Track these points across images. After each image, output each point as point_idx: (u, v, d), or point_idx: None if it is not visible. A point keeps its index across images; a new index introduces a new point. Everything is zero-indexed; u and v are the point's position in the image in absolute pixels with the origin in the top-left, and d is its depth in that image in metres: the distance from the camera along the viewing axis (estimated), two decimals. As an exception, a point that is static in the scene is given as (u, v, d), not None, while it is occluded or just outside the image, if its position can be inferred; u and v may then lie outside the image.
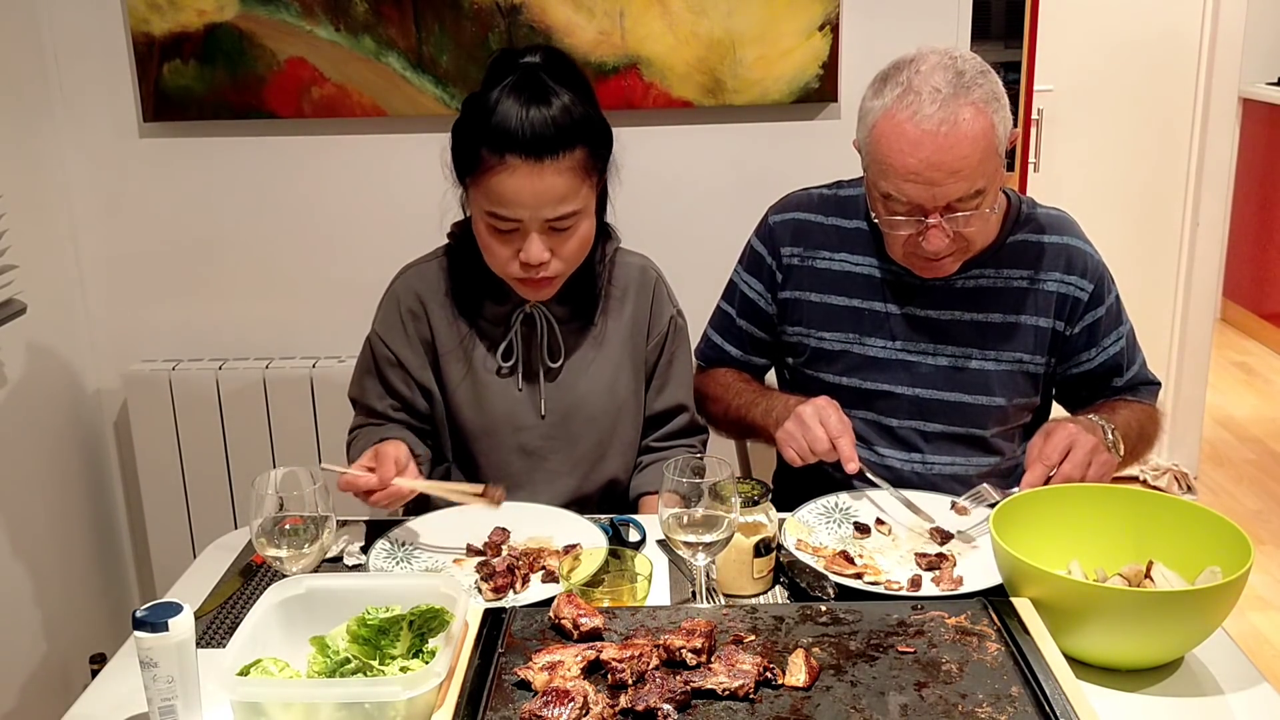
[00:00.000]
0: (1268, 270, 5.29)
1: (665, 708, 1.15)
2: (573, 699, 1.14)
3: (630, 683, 1.20)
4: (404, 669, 1.27)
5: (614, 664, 1.21)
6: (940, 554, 1.58)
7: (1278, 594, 3.31)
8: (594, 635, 1.29)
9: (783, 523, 1.62)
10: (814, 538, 1.65)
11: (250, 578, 1.62)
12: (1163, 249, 3.92)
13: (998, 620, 1.31)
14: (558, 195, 1.66)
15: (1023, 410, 1.91)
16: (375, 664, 1.28)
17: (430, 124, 2.46)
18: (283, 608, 1.33)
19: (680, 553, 1.45)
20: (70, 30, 2.50)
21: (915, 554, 1.59)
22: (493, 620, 1.34)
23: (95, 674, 1.44)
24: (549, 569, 1.56)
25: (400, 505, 1.66)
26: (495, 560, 1.58)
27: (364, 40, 2.48)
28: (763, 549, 1.52)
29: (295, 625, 1.33)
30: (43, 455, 2.50)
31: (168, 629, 1.21)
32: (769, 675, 1.20)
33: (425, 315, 1.84)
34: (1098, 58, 3.82)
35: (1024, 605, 1.33)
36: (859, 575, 1.52)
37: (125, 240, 2.62)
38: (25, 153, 2.45)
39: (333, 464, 1.67)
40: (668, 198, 2.56)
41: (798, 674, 1.20)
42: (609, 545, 1.58)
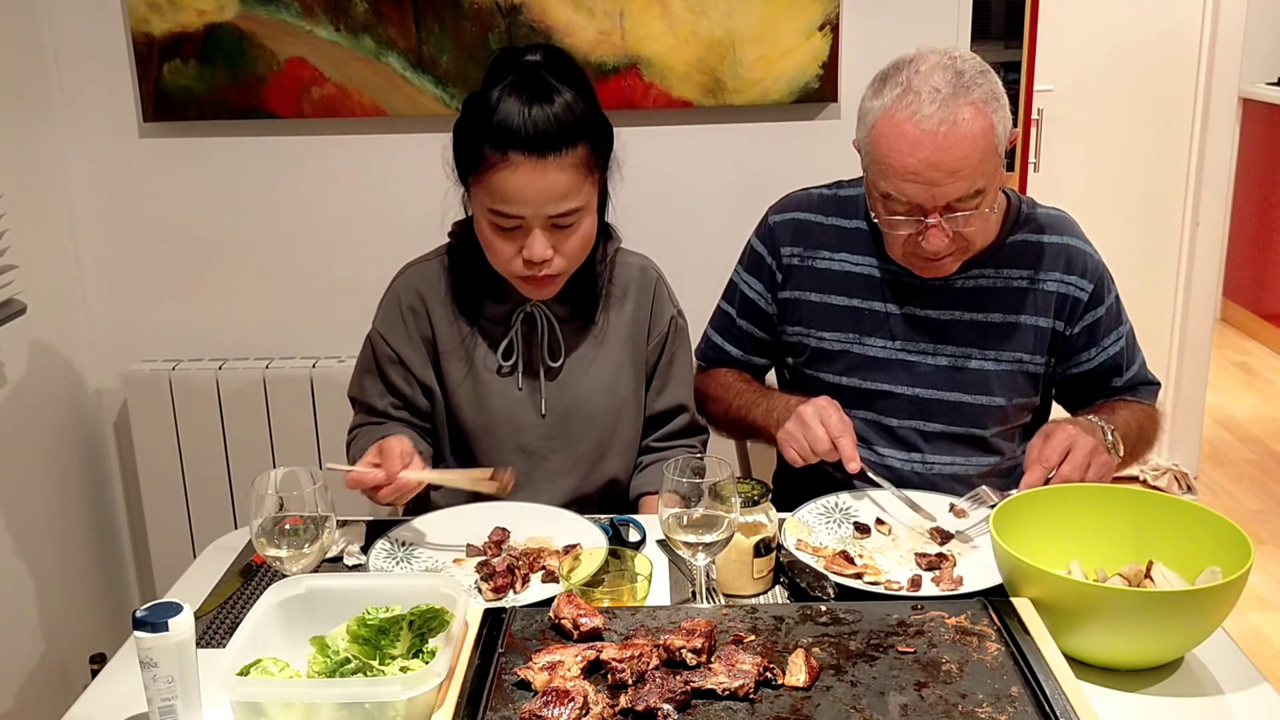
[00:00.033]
0: (1268, 270, 5.29)
1: (665, 708, 1.15)
2: (573, 699, 1.14)
3: (630, 683, 1.20)
4: (404, 669, 1.27)
5: (614, 664, 1.21)
6: (940, 554, 1.58)
7: (1278, 594, 3.31)
8: (594, 635, 1.29)
9: (783, 523, 1.62)
10: (814, 538, 1.65)
11: (250, 578, 1.62)
12: (1163, 249, 3.92)
13: (998, 620, 1.31)
14: (560, 192, 1.66)
15: (1022, 410, 1.91)
16: (375, 664, 1.28)
17: (430, 124, 2.46)
18: (283, 608, 1.34)
19: (680, 553, 1.45)
20: (70, 30, 2.50)
21: (915, 554, 1.59)
22: (493, 620, 1.34)
23: (95, 674, 1.44)
24: (549, 569, 1.56)
25: (408, 498, 1.65)
26: (495, 560, 1.58)
27: (364, 40, 2.48)
28: (763, 549, 1.52)
29: (295, 625, 1.33)
30: (43, 455, 2.50)
31: (168, 629, 1.21)
32: (769, 675, 1.20)
33: (426, 313, 1.84)
34: (1098, 58, 3.81)
35: (1024, 605, 1.33)
36: (859, 575, 1.52)
37: (125, 240, 2.62)
38: (25, 153, 2.45)
39: (337, 463, 1.67)
40: (668, 198, 2.56)
41: (798, 674, 1.20)
42: (609, 545, 1.58)
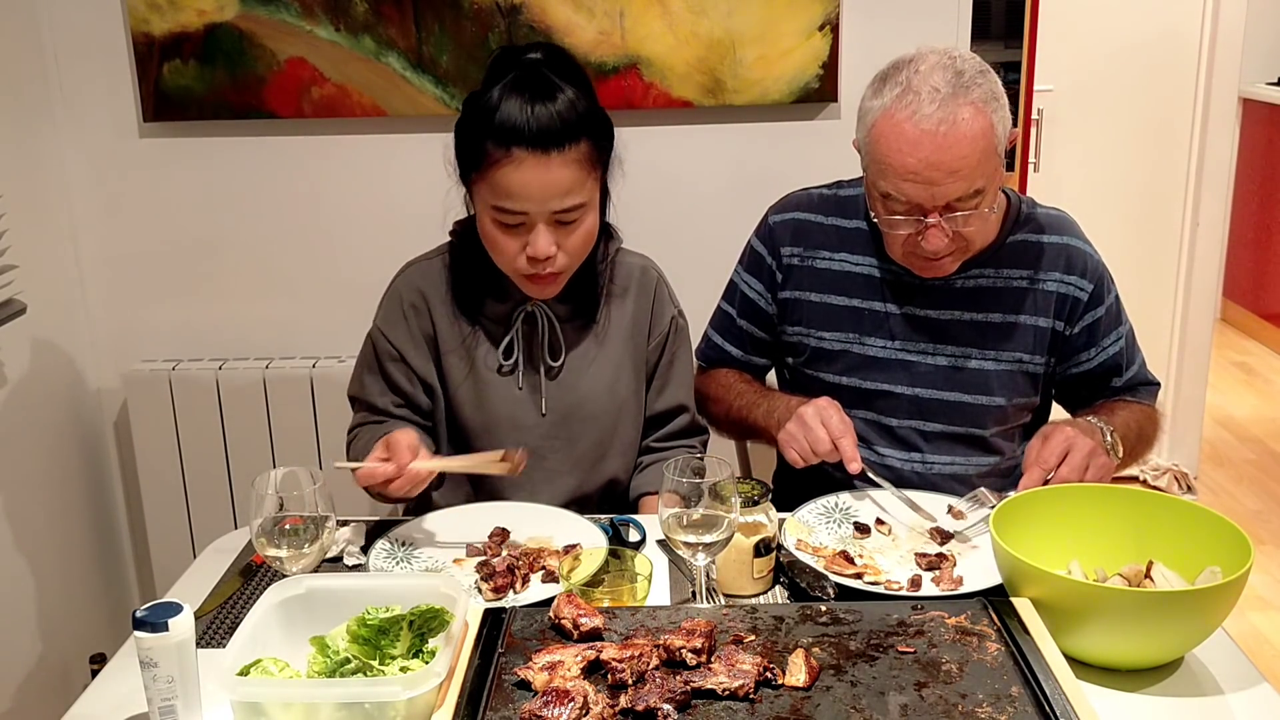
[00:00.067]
0: (1268, 270, 5.29)
1: (665, 708, 1.15)
2: (573, 699, 1.14)
3: (630, 683, 1.20)
4: (404, 669, 1.27)
5: (614, 664, 1.21)
6: (940, 554, 1.58)
7: (1278, 594, 3.31)
8: (594, 635, 1.29)
9: (783, 523, 1.62)
10: (814, 538, 1.65)
11: (250, 578, 1.62)
12: (1163, 249, 3.92)
13: (998, 620, 1.31)
14: (564, 187, 1.66)
15: (1022, 410, 1.91)
16: (375, 664, 1.28)
17: (430, 124, 2.46)
18: (283, 608, 1.34)
19: (680, 553, 1.45)
20: (70, 30, 2.50)
21: (915, 554, 1.59)
22: (493, 620, 1.34)
23: (95, 674, 1.44)
24: (549, 569, 1.56)
25: (420, 490, 1.64)
26: (495, 560, 1.57)
27: (364, 40, 2.48)
28: (763, 549, 1.52)
29: (295, 625, 1.33)
30: (43, 455, 2.50)
31: (168, 629, 1.21)
32: (769, 675, 1.20)
33: (428, 310, 1.84)
34: (1098, 58, 3.81)
35: (1024, 605, 1.33)
36: (859, 575, 1.52)
37: (125, 240, 2.62)
38: (25, 153, 2.45)
39: (345, 461, 1.66)
40: (668, 198, 2.56)
41: (798, 674, 1.20)
42: (609, 545, 1.58)
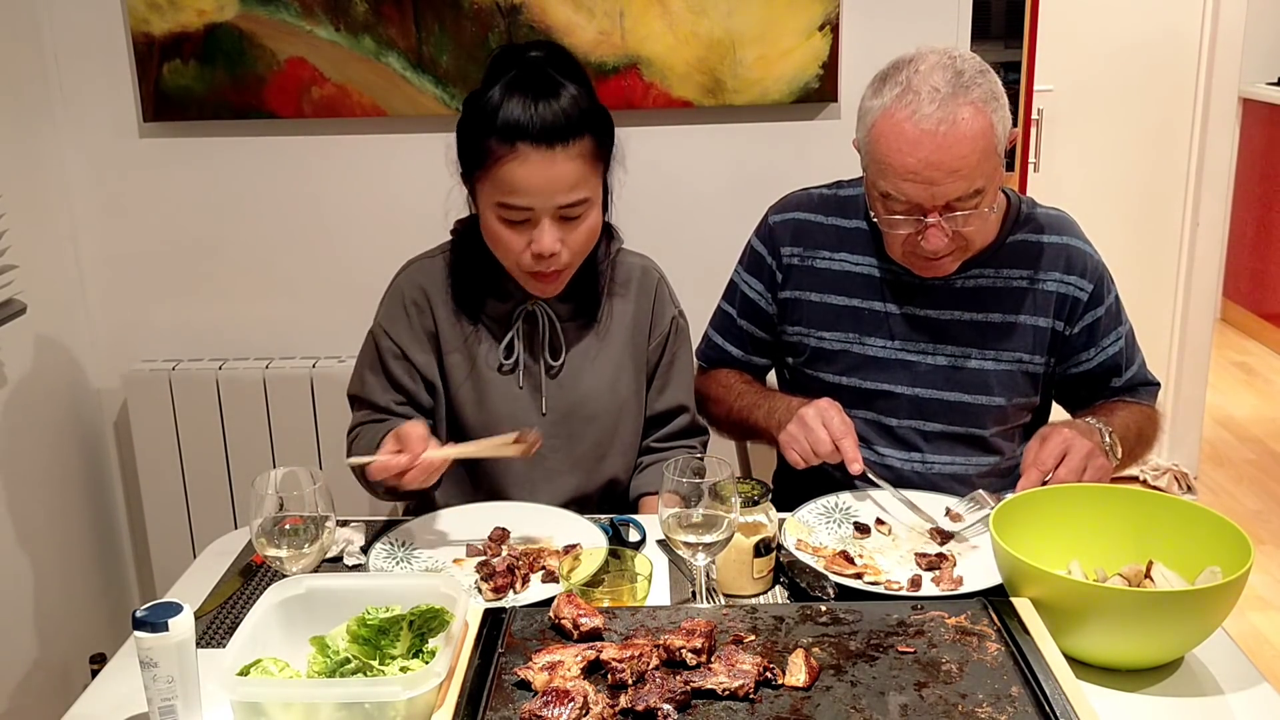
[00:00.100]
0: (1268, 270, 5.29)
1: (665, 708, 1.15)
2: (573, 699, 1.14)
3: (630, 683, 1.20)
4: (404, 669, 1.27)
5: (614, 664, 1.21)
6: (940, 554, 1.58)
7: (1278, 594, 3.31)
8: (594, 635, 1.29)
9: (783, 523, 1.62)
10: (814, 538, 1.65)
11: (250, 578, 1.62)
12: (1163, 249, 3.92)
13: (998, 620, 1.31)
14: (569, 182, 1.67)
15: (1022, 410, 1.91)
16: (375, 664, 1.28)
17: (430, 124, 2.46)
18: (283, 608, 1.33)
19: (680, 553, 1.44)
20: (70, 30, 2.50)
21: (915, 554, 1.59)
22: (493, 620, 1.34)
23: (95, 674, 1.44)
24: (549, 569, 1.56)
25: (434, 480, 1.64)
26: (495, 560, 1.57)
27: (364, 40, 2.48)
28: (763, 549, 1.52)
29: (295, 625, 1.33)
30: (43, 455, 2.50)
31: (168, 629, 1.21)
32: (769, 675, 1.20)
33: (429, 308, 1.84)
34: (1098, 58, 3.81)
35: (1024, 605, 1.33)
36: (859, 575, 1.52)
37: (125, 240, 2.62)
38: (25, 153, 2.45)
39: (357, 456, 1.65)
40: (668, 198, 2.56)
41: (798, 674, 1.20)
42: (609, 545, 1.58)
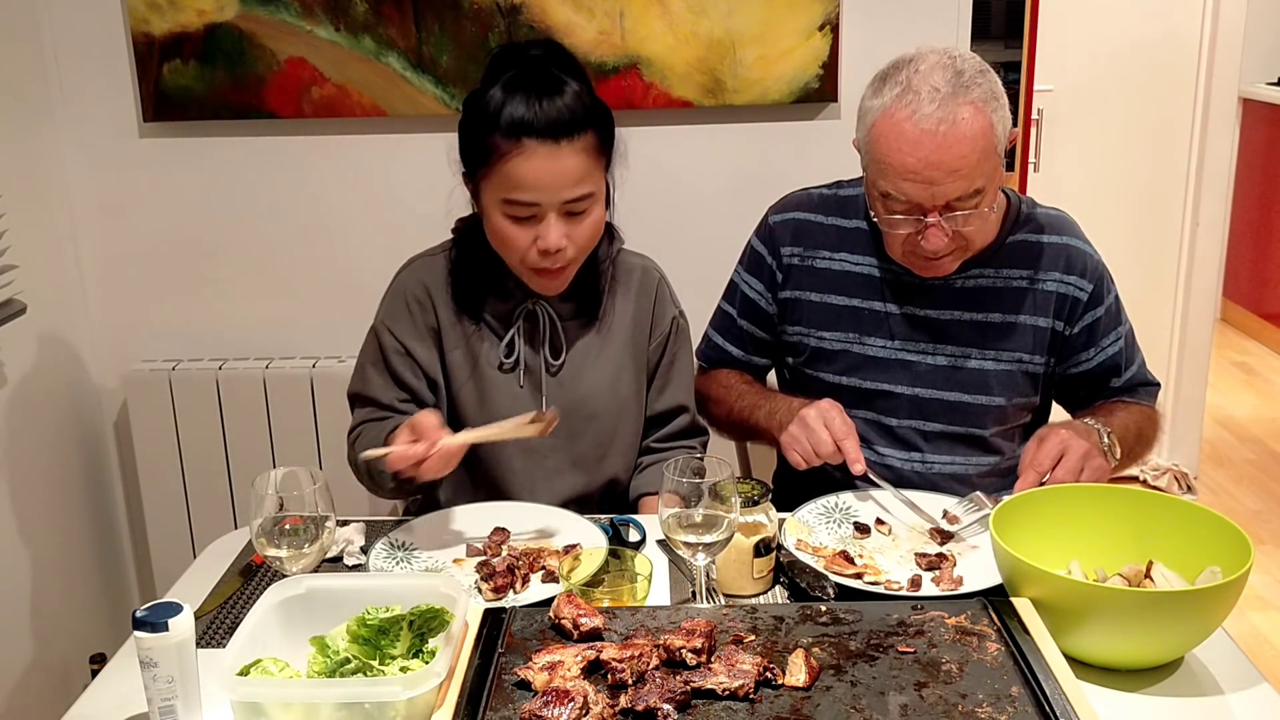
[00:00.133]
0: (1268, 270, 5.29)
1: (665, 708, 1.15)
2: (573, 699, 1.14)
3: (630, 683, 1.20)
4: (404, 669, 1.27)
5: (614, 664, 1.21)
6: (940, 554, 1.58)
7: (1278, 594, 3.31)
8: (594, 635, 1.29)
9: (783, 523, 1.62)
10: (814, 538, 1.65)
11: (250, 578, 1.62)
12: (1163, 249, 3.92)
13: (998, 620, 1.31)
14: (575, 176, 1.67)
15: (1022, 410, 1.91)
16: (375, 664, 1.28)
17: (430, 124, 2.46)
18: (283, 608, 1.33)
19: (680, 553, 1.44)
20: (70, 30, 2.50)
21: (915, 554, 1.59)
22: (493, 620, 1.34)
23: (95, 674, 1.44)
24: (549, 569, 1.56)
25: (451, 468, 1.63)
26: (495, 560, 1.57)
27: (364, 40, 2.48)
28: (763, 549, 1.52)
29: (295, 625, 1.33)
30: (43, 455, 2.50)
31: (168, 629, 1.21)
32: (769, 675, 1.20)
33: (431, 305, 1.84)
34: (1098, 58, 3.81)
35: (1024, 605, 1.33)
36: (859, 575, 1.52)
37: (125, 240, 2.62)
38: (25, 153, 2.45)
39: (373, 449, 1.64)
40: (668, 198, 2.56)
41: (798, 674, 1.20)
42: (609, 545, 1.58)
